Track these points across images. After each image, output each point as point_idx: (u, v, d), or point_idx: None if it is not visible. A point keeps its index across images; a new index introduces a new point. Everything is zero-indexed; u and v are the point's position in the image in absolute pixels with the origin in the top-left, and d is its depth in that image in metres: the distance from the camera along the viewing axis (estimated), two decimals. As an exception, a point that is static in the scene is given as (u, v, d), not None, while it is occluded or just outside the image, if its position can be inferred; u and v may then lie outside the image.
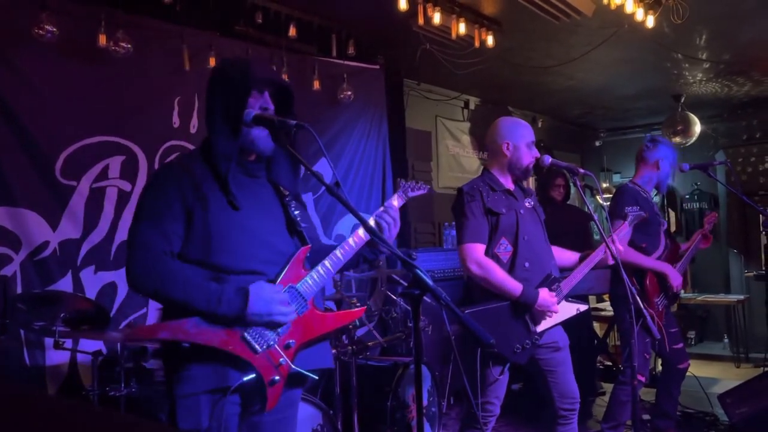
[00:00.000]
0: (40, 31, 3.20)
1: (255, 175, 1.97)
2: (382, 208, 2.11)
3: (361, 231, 2.00)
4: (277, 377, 1.82)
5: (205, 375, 1.77)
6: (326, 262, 1.97)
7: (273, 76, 2.03)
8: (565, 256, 3.06)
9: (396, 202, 2.18)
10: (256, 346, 1.80)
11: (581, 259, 2.97)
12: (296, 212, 2.02)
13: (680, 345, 3.83)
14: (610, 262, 2.90)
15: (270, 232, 1.92)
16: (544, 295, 2.73)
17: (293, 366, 1.86)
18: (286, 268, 1.90)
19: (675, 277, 3.66)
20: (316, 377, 1.96)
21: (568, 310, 2.84)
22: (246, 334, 1.79)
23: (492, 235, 2.80)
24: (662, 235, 3.74)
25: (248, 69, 1.89)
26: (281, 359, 1.84)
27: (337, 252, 1.99)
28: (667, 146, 3.80)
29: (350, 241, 2.01)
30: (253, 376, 1.79)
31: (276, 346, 1.83)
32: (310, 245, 1.99)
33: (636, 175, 3.85)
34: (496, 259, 2.78)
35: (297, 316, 1.88)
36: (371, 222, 2.04)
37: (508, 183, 2.92)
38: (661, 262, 3.68)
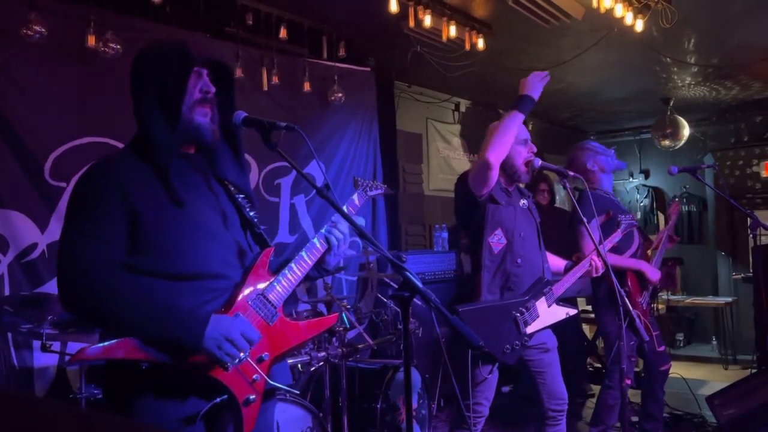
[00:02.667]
0: (29, 32, 3.17)
1: (199, 169, 1.75)
2: (330, 223, 1.86)
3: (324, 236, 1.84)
4: (252, 396, 1.61)
5: (169, 401, 1.53)
6: (294, 267, 1.77)
7: (210, 56, 1.77)
8: (554, 262, 3.08)
9: (357, 200, 2.02)
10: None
11: (566, 270, 3.00)
12: (251, 213, 1.83)
13: (662, 348, 3.85)
14: (594, 275, 2.94)
15: (226, 230, 1.71)
16: (530, 79, 2.82)
17: (270, 381, 1.66)
18: (249, 272, 1.70)
19: (652, 273, 3.72)
20: (297, 391, 1.83)
21: (558, 313, 2.86)
22: None
23: (488, 222, 2.79)
24: (635, 234, 3.76)
25: (185, 49, 1.68)
26: (255, 375, 1.63)
27: (305, 256, 1.80)
28: (590, 146, 3.94)
29: (317, 245, 1.82)
30: (224, 397, 1.57)
31: (248, 360, 1.62)
32: (273, 246, 1.80)
33: (591, 184, 3.81)
34: (488, 249, 2.78)
35: (268, 325, 1.69)
36: (316, 240, 1.84)
37: (505, 183, 2.93)
38: (637, 260, 3.72)
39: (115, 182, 1.57)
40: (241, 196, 1.83)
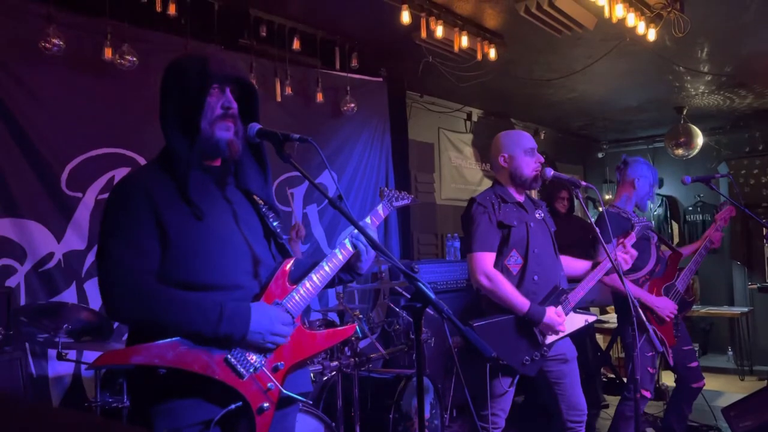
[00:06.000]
0: (47, 45, 3.23)
1: (223, 182, 1.79)
2: (356, 231, 1.85)
3: (348, 244, 1.87)
4: (266, 404, 1.64)
5: (186, 406, 1.57)
6: (314, 277, 1.80)
7: (235, 73, 1.77)
8: (576, 265, 3.06)
9: (382, 211, 2.04)
10: (242, 370, 1.61)
11: (594, 267, 2.98)
12: (275, 223, 1.85)
13: (695, 363, 3.74)
14: (625, 267, 2.90)
15: (247, 241, 1.74)
16: (551, 313, 2.71)
17: (284, 390, 1.69)
18: (270, 282, 1.73)
19: (663, 307, 3.49)
20: (310, 401, 1.84)
21: (577, 321, 2.84)
22: (230, 357, 1.61)
23: (503, 247, 2.81)
24: (653, 250, 3.65)
25: (207, 64, 1.69)
26: (270, 384, 1.66)
27: (325, 266, 1.83)
28: (642, 165, 3.73)
29: (338, 254, 1.86)
30: (239, 404, 1.60)
31: (264, 369, 1.65)
32: (294, 257, 1.84)
33: (615, 197, 3.81)
34: (506, 271, 2.79)
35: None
36: (347, 243, 1.88)
37: (517, 195, 2.93)
38: (647, 295, 3.52)
39: (145, 194, 1.62)
40: (265, 207, 1.86)
